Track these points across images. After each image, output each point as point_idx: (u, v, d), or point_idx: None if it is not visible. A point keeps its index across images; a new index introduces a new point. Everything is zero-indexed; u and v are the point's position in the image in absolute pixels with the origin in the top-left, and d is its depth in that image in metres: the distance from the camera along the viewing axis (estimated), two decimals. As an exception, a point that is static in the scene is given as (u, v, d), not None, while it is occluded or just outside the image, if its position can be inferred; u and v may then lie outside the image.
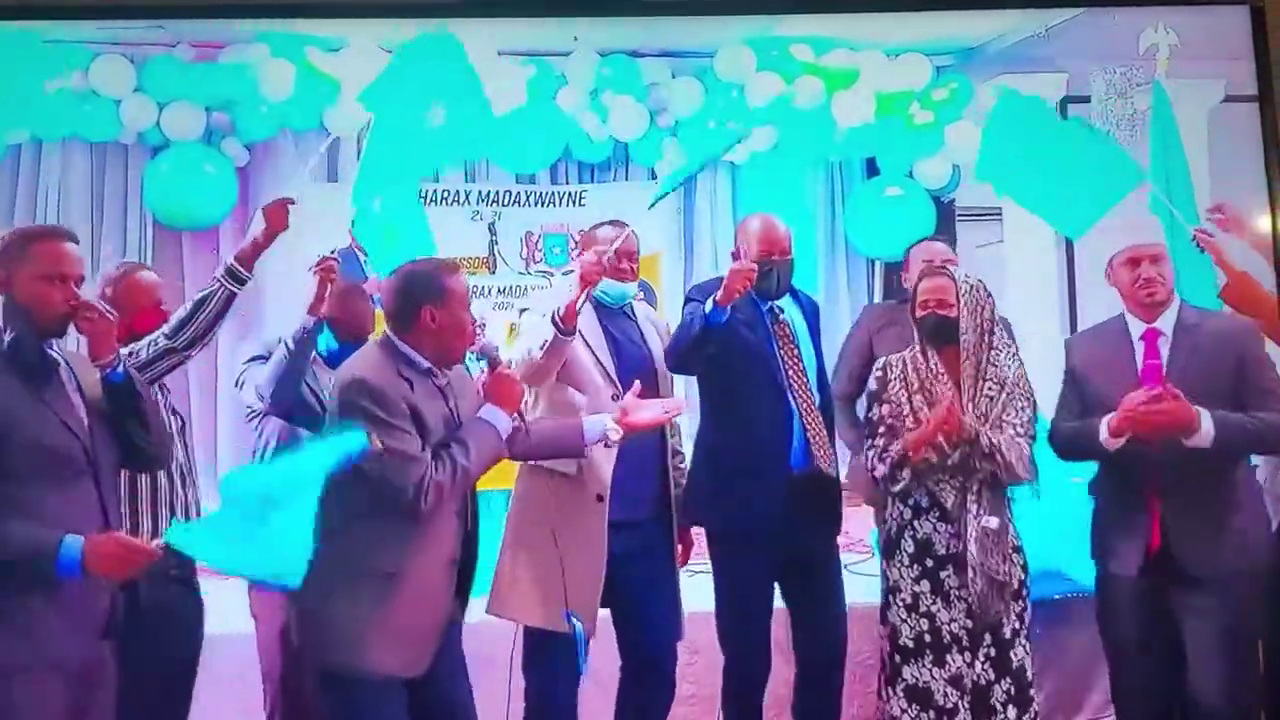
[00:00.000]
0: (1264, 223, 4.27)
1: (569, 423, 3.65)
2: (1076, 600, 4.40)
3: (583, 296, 3.76)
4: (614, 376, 3.86)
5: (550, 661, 3.83)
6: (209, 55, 6.12)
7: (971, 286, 3.83)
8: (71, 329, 3.13)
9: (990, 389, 3.78)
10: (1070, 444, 3.85)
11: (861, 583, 4.38)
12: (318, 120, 6.13)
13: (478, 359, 3.67)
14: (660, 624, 3.96)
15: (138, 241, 6.44)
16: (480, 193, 6.80)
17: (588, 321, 3.91)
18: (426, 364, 3.35)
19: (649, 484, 3.94)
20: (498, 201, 6.79)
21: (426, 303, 3.34)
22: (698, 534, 4.15)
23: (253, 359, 4.12)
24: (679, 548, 4.08)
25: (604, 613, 3.97)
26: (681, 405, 3.87)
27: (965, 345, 3.79)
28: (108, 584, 3.03)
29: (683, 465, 4.12)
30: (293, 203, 3.78)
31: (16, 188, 6.32)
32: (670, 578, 3.99)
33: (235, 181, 6.26)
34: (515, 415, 3.43)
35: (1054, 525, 4.03)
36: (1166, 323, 3.85)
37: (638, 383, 3.69)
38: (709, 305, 3.81)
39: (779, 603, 4.09)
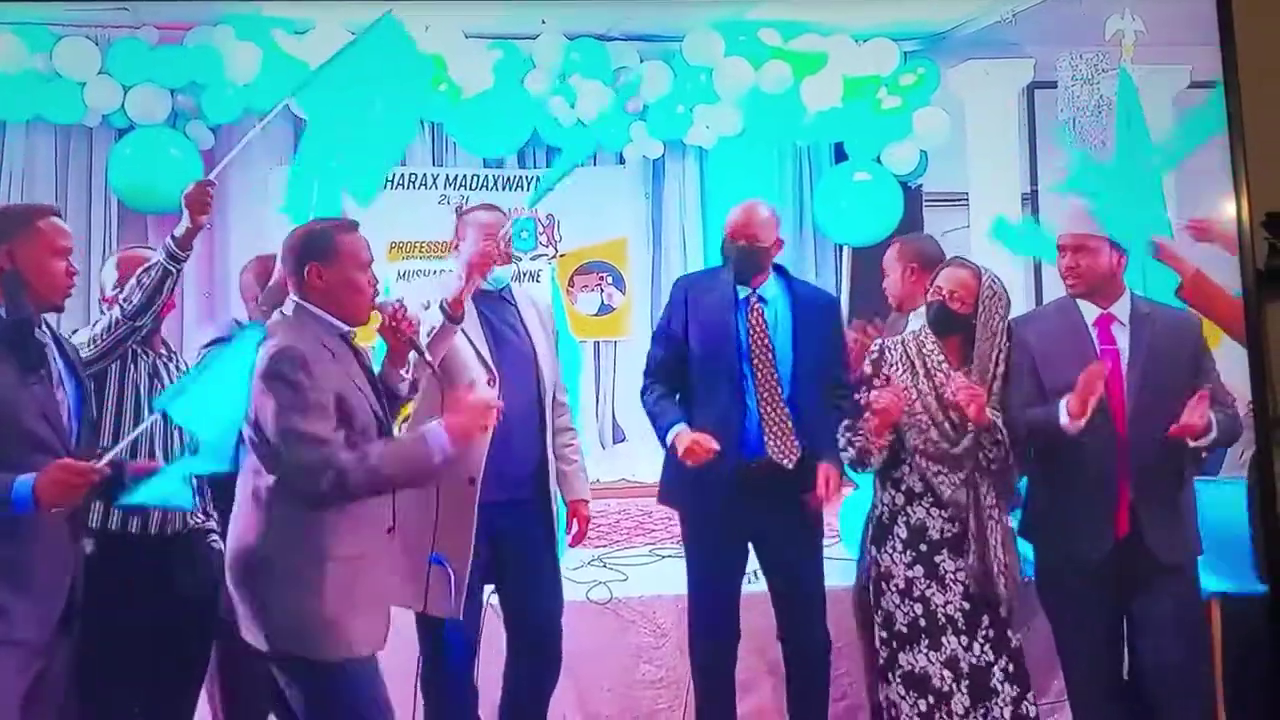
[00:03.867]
0: (1229, 209, 4.29)
1: (411, 440, 3.37)
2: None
3: (471, 285, 3.74)
4: (489, 362, 3.86)
5: (443, 641, 3.85)
6: (174, 38, 6.09)
7: (995, 293, 3.84)
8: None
9: (996, 392, 3.81)
10: (1032, 432, 3.87)
11: (828, 566, 4.39)
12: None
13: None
14: (541, 599, 4.00)
15: (103, 224, 6.41)
16: (447, 176, 6.81)
17: (465, 306, 3.90)
18: (344, 326, 3.27)
19: (527, 465, 3.95)
20: (465, 185, 6.80)
21: (311, 260, 3.25)
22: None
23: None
24: (574, 523, 4.13)
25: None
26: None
27: (978, 350, 3.81)
28: (66, 565, 3.09)
29: (573, 442, 4.16)
30: (213, 185, 3.74)
31: (-21, 170, 6.29)
32: (549, 554, 4.02)
33: (200, 164, 6.21)
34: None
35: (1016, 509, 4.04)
36: (1122, 310, 3.88)
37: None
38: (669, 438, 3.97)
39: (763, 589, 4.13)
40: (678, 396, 4.09)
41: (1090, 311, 3.88)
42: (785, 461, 3.97)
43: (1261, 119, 4.35)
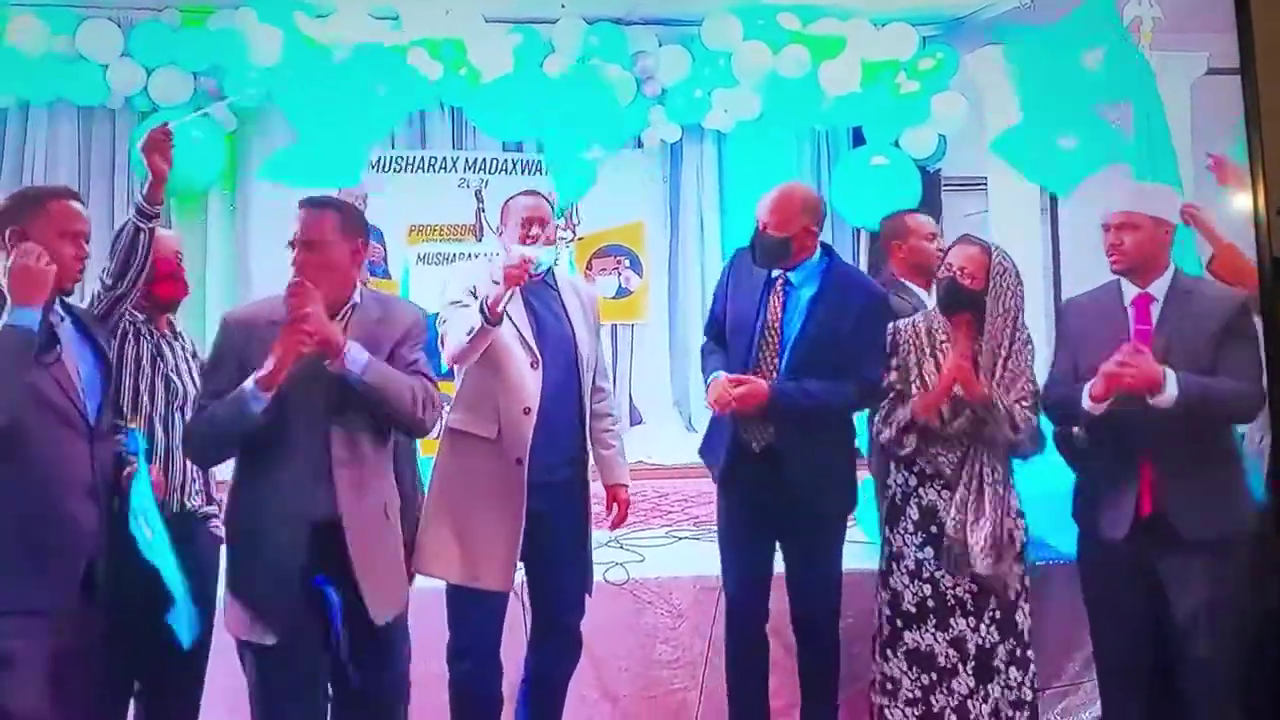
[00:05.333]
0: (1245, 196, 4.29)
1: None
2: (1057, 567, 4.43)
3: (509, 295, 3.75)
4: (532, 345, 3.88)
5: (472, 616, 3.88)
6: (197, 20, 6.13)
7: (1005, 269, 3.84)
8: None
9: (1008, 377, 3.81)
10: (1058, 411, 3.88)
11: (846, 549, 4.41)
12: (306, 86, 6.13)
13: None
14: (567, 581, 4.02)
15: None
16: (467, 160, 6.83)
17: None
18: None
19: (566, 447, 3.95)
20: (485, 169, 6.83)
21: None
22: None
23: None
24: (613, 507, 4.13)
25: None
26: None
27: (991, 327, 3.81)
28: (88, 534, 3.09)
29: (613, 427, 4.17)
30: (169, 135, 3.68)
31: (3, 152, 6.34)
32: (581, 536, 4.03)
33: (223, 147, 6.27)
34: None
35: (1033, 493, 4.05)
36: (1159, 288, 3.86)
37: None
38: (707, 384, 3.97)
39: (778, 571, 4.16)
40: None
41: (1131, 292, 3.87)
42: (753, 444, 3.99)
43: (1278, 106, 4.35)
